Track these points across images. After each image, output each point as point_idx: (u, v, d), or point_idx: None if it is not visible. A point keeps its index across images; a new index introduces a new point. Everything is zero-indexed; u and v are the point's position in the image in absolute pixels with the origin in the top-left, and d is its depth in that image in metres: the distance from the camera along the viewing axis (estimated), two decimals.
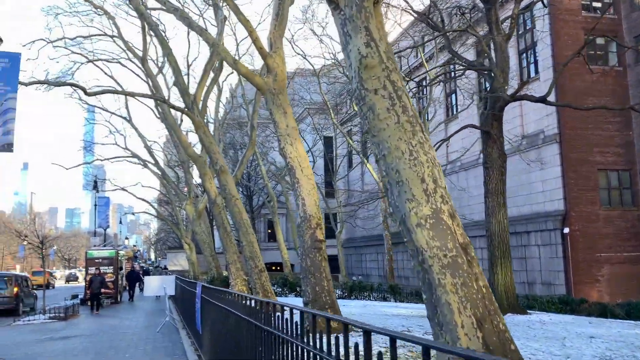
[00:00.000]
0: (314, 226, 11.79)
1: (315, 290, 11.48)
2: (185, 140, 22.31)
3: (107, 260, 27.64)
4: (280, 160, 45.02)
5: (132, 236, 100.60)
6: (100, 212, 38.42)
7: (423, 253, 6.35)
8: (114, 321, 19.22)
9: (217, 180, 20.22)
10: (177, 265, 46.35)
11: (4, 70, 13.62)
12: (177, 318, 17.56)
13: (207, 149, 17.59)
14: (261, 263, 17.08)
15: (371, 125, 6.73)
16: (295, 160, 12.16)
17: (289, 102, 12.81)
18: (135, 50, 23.05)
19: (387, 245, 35.47)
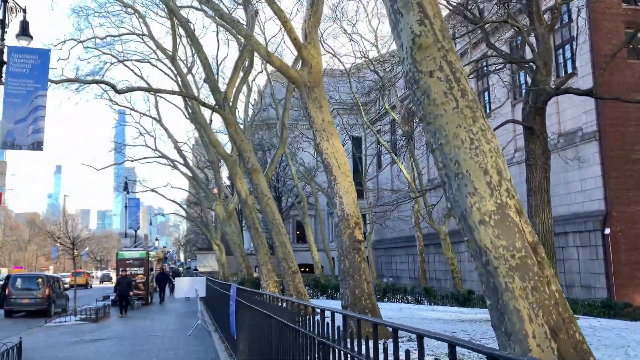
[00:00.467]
0: (353, 226, 11.11)
1: (354, 293, 10.80)
2: (216, 139, 21.85)
3: (138, 261, 27.35)
4: (309, 160, 44.60)
5: (161, 238, 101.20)
6: (130, 214, 38.36)
7: (487, 254, 5.61)
8: (144, 323, 18.81)
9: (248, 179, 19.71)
10: (207, 266, 46.09)
11: (34, 67, 13.27)
12: (208, 320, 17.05)
13: (238, 147, 17.06)
14: (294, 264, 16.46)
15: (426, 112, 6.02)
16: (331, 157, 11.50)
17: (325, 96, 12.14)
18: (165, 49, 22.69)
19: (419, 247, 34.57)
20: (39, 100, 13.21)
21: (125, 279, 23.17)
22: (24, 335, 15.94)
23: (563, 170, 27.51)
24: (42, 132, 13.19)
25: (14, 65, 13.14)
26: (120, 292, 22.56)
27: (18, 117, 13.03)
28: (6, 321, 21.50)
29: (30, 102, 13.11)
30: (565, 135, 28.30)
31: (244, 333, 8.34)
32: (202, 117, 21.46)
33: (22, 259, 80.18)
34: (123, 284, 22.68)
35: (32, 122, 13.08)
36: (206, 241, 73.98)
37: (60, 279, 26.24)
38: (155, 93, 30.55)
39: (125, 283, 22.78)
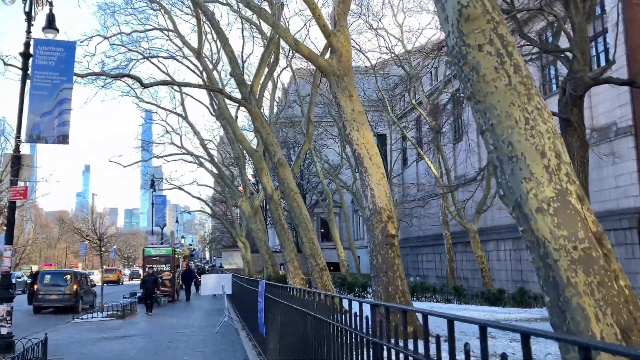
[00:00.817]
0: (385, 219, 10.56)
1: (387, 290, 10.25)
2: (242, 134, 21.48)
3: (164, 258, 27.15)
4: (334, 158, 44.08)
5: (187, 236, 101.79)
6: (157, 211, 38.30)
7: (546, 245, 5.02)
8: (170, 320, 18.52)
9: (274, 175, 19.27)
10: (233, 264, 45.88)
11: (59, 60, 13.01)
12: (235, 318, 16.66)
13: (264, 141, 16.62)
14: (322, 261, 15.96)
15: (475, 89, 5.45)
16: (362, 148, 10.97)
17: (355, 85, 11.60)
18: (190, 45, 22.38)
19: (446, 245, 33.79)
20: (65, 93, 12.95)
21: (152, 276, 22.64)
22: (51, 331, 15.75)
23: (597, 167, 26.47)
24: (67, 126, 12.92)
25: (40, 57, 12.90)
26: (146, 289, 21.98)
27: (44, 110, 12.78)
28: (34, 317, 21.46)
29: (56, 95, 12.85)
30: (598, 130, 27.28)
31: (274, 331, 7.86)
32: (228, 112, 21.10)
33: (52, 256, 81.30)
34: (149, 282, 22.14)
35: (57, 115, 12.82)
36: (231, 239, 74.00)
37: (87, 275, 26.19)
38: (181, 87, 30.38)
39: (151, 280, 22.21)
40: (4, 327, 11.65)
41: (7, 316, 11.71)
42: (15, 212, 13.13)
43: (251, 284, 12.31)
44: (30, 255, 71.58)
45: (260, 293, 9.48)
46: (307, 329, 5.53)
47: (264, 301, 9.03)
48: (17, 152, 12.39)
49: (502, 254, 35.39)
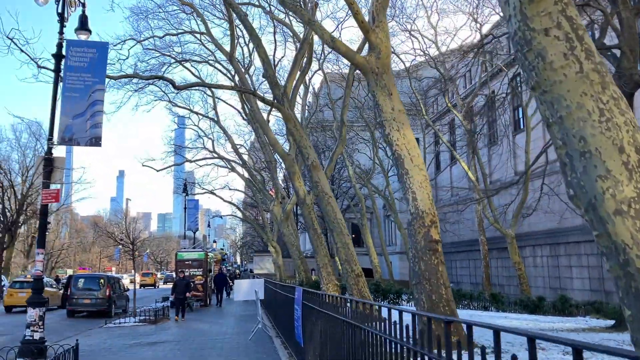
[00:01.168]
0: (428, 224, 9.99)
1: (431, 299, 9.67)
2: (274, 137, 21.14)
3: (197, 262, 26.94)
4: (365, 162, 43.49)
5: (218, 240, 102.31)
6: (190, 215, 38.34)
7: (626, 251, 4.40)
8: (203, 326, 18.20)
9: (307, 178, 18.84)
10: (264, 268, 45.60)
11: (92, 61, 12.82)
12: (268, 324, 16.23)
13: (297, 144, 16.21)
14: (358, 267, 15.43)
15: (541, 78, 4.88)
16: (403, 148, 10.42)
17: (394, 83, 11.08)
18: (222, 48, 22.21)
19: (482, 251, 32.85)
20: (97, 95, 12.74)
21: (183, 280, 21.75)
22: (83, 337, 15.58)
23: None
24: (100, 128, 12.71)
25: (73, 59, 12.73)
26: (177, 294, 20.99)
27: (76, 112, 12.59)
28: (68, 321, 21.45)
29: (88, 96, 12.66)
30: None
31: (314, 342, 7.37)
32: (260, 115, 20.79)
33: (87, 260, 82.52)
34: (180, 286, 21.18)
35: (90, 117, 12.62)
36: (262, 243, 73.91)
37: (120, 279, 26.17)
38: (213, 91, 30.30)
39: (182, 285, 21.29)
40: (37, 332, 11.43)
41: (40, 321, 11.49)
42: (47, 215, 12.96)
43: (286, 290, 11.86)
44: (65, 259, 72.76)
45: (297, 300, 9.01)
46: (349, 338, 5.05)
47: (301, 309, 8.56)
48: (50, 155, 12.21)
49: (539, 260, 34.29)
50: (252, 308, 24.89)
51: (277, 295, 14.45)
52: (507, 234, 29.27)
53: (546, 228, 31.90)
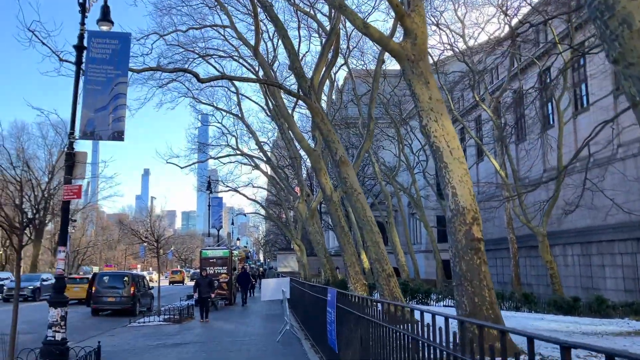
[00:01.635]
0: (470, 221, 9.25)
1: (473, 301, 8.94)
2: (299, 133, 20.50)
3: (221, 260, 26.43)
4: (390, 160, 42.66)
5: (242, 238, 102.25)
6: (213, 212, 37.92)
7: None
8: (228, 326, 17.67)
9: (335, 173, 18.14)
10: (287, 266, 45.11)
11: (114, 53, 12.33)
12: (295, 325, 15.61)
13: (325, 138, 15.55)
14: (389, 266, 14.72)
15: (626, 48, 4.14)
16: (441, 140, 9.69)
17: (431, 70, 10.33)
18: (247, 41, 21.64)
19: (512, 250, 31.82)
20: (120, 88, 12.25)
21: (206, 279, 20.43)
22: (107, 336, 15.16)
23: None
24: (122, 121, 12.22)
25: (94, 50, 12.25)
26: (200, 294, 19.76)
27: (98, 105, 12.12)
28: (92, 319, 21.13)
29: (110, 89, 12.17)
30: None
31: (352, 349, 6.70)
32: (285, 110, 20.16)
33: (112, 257, 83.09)
34: (203, 285, 19.87)
35: (112, 110, 12.13)
36: (285, 241, 73.54)
37: (145, 277, 25.76)
38: (237, 88, 29.80)
39: (205, 283, 19.94)
40: (59, 333, 10.98)
41: (62, 321, 11.04)
42: (68, 211, 12.52)
43: (315, 291, 11.21)
44: (91, 256, 73.29)
45: (330, 303, 8.35)
46: (390, 344, 4.38)
47: (335, 312, 7.90)
48: (71, 149, 11.76)
49: (570, 259, 33.19)
50: (277, 307, 24.33)
51: (306, 296, 13.82)
52: (538, 232, 28.24)
53: (577, 226, 30.80)
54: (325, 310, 9.14)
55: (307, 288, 13.70)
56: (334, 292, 8.23)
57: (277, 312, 22.58)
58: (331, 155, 15.70)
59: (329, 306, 8.47)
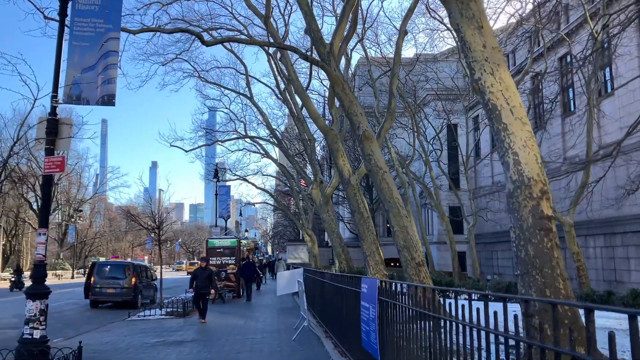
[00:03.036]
0: (538, 195, 7.32)
1: (544, 294, 7.02)
2: (315, 110, 18.60)
3: (229, 250, 24.53)
4: (403, 147, 40.64)
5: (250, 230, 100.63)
6: (221, 202, 36.00)
7: None
8: (237, 321, 15.81)
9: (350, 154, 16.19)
10: (297, 258, 43.28)
11: (103, 4, 10.44)
12: (311, 320, 13.75)
13: (346, 111, 13.64)
14: (419, 254, 12.83)
15: None
16: (499, 96, 7.76)
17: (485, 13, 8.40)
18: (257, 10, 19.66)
19: None
20: (111, 44, 10.37)
21: (205, 271, 16.31)
22: (101, 332, 13.36)
23: None
24: (113, 83, 10.34)
25: (81, 1, 10.38)
26: (197, 289, 15.85)
27: (85, 64, 10.25)
28: (90, 312, 19.38)
29: (100, 46, 10.29)
30: None
31: (406, 358, 4.81)
32: (299, 85, 18.23)
33: (120, 249, 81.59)
34: (201, 278, 15.93)
35: (102, 70, 10.26)
36: (294, 233, 71.75)
37: (148, 267, 23.92)
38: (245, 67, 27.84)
39: (204, 277, 16.00)
40: (37, 330, 9.11)
41: (41, 316, 9.18)
42: (51, 187, 10.68)
43: (341, 282, 9.31)
44: (98, 247, 71.86)
45: (368, 296, 6.47)
46: None
47: (377, 308, 6.01)
48: (54, 115, 9.90)
49: (592, 251, 31.28)
50: (289, 299, 22.49)
51: (326, 287, 11.96)
52: (564, 221, 26.19)
53: (600, 217, 28.92)
54: (356, 306, 7.27)
55: (327, 278, 11.82)
56: (374, 282, 6.34)
57: (290, 304, 20.73)
58: (353, 130, 13.77)
59: (366, 300, 6.58)
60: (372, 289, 6.25)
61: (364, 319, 6.69)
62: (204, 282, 15.86)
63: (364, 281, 6.91)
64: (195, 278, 16.00)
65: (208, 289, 15.95)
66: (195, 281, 15.89)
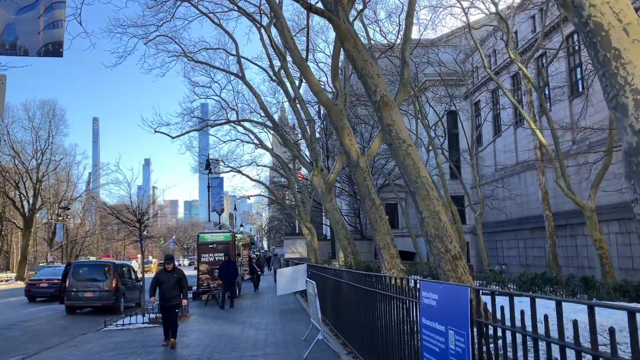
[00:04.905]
0: None
1: None
2: (316, 83, 16.00)
3: (222, 246, 21.84)
4: None
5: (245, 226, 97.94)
6: (214, 195, 33.33)
7: None
8: (232, 329, 13.18)
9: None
10: (295, 252, 40.72)
11: None
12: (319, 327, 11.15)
13: (359, 72, 11.07)
14: (455, 245, 10.27)
15: None
16: (605, 10, 5.20)
17: None
18: None
19: (548, 229, 27.48)
20: None
21: (173, 275, 11.28)
22: (69, 346, 10.74)
23: None
24: (61, 27, 7.72)
25: None
26: (162, 299, 11.23)
27: (22, 3, 7.62)
28: (65, 320, 16.66)
29: None
30: None
31: None
32: (297, 53, 15.56)
33: (112, 248, 78.63)
34: (168, 285, 11.12)
35: (44, 11, 7.65)
36: (289, 227, 69.13)
37: (132, 267, 21.20)
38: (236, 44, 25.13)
39: (171, 282, 11.15)
40: None
41: None
42: None
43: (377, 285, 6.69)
44: (89, 246, 68.83)
45: (445, 314, 3.87)
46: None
47: (469, 338, 3.42)
48: None
49: (606, 238, 29.00)
50: (291, 300, 19.95)
51: (343, 290, 9.38)
52: (584, 206, 23.72)
53: (615, 201, 26.75)
54: (406, 320, 4.69)
55: (346, 278, 9.21)
56: (458, 292, 3.73)
57: (292, 306, 18.16)
58: (369, 96, 11.17)
59: (435, 318, 4.01)
60: (455, 302, 3.67)
61: (429, 346, 4.12)
62: (172, 290, 11.09)
63: (428, 288, 4.32)
64: (160, 284, 11.21)
65: (178, 300, 11.21)
66: (160, 288, 11.22)
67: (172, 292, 11.05)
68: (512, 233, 41.00)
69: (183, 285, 11.29)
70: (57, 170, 52.56)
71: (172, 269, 11.39)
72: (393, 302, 5.49)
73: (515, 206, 39.21)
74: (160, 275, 11.47)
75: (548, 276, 19.85)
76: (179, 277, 11.29)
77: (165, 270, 11.43)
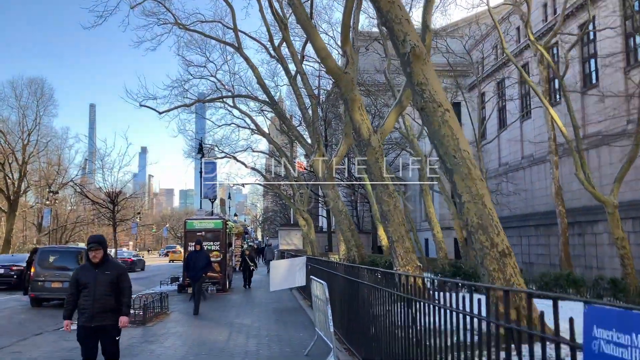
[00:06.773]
0: None
1: None
2: (324, 47, 13.54)
3: (212, 234, 19.37)
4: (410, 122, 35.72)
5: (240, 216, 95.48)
6: (206, 180, 30.87)
7: None
8: (218, 333, 10.75)
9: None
10: (291, 244, 38.30)
11: None
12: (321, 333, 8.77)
13: (384, 17, 8.63)
14: (503, 238, 7.95)
15: None
16: None
17: None
18: None
19: (561, 226, 25.25)
20: None
21: (102, 273, 5.82)
22: (12, 352, 8.32)
23: None
24: None
25: None
26: (82, 315, 5.77)
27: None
28: (26, 315, 14.14)
29: None
30: None
31: None
32: (302, 10, 13.09)
33: (104, 234, 75.97)
34: (94, 287, 5.77)
35: None
36: (284, 218, 66.75)
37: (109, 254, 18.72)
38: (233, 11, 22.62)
39: (100, 284, 5.81)
40: None
41: None
42: None
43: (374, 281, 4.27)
44: (80, 232, 66.08)
45: None
46: None
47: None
48: None
49: None
50: (286, 296, 17.57)
51: (360, 290, 6.98)
52: (606, 201, 21.34)
53: (629, 198, 24.66)
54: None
55: (367, 279, 6.75)
56: None
57: (289, 304, 15.73)
58: (395, 47, 8.75)
59: None
60: None
61: None
62: (101, 300, 5.72)
63: (612, 320, 1.94)
64: (77, 283, 5.85)
65: (112, 316, 5.74)
66: (82, 295, 5.79)
67: (100, 303, 5.72)
68: (516, 230, 38.83)
69: (122, 290, 5.89)
70: (47, 153, 49.87)
71: (102, 261, 5.82)
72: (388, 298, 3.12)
73: (519, 202, 37.08)
74: (80, 274, 5.92)
75: (573, 277, 17.58)
76: (116, 275, 5.88)
77: (90, 264, 5.85)
